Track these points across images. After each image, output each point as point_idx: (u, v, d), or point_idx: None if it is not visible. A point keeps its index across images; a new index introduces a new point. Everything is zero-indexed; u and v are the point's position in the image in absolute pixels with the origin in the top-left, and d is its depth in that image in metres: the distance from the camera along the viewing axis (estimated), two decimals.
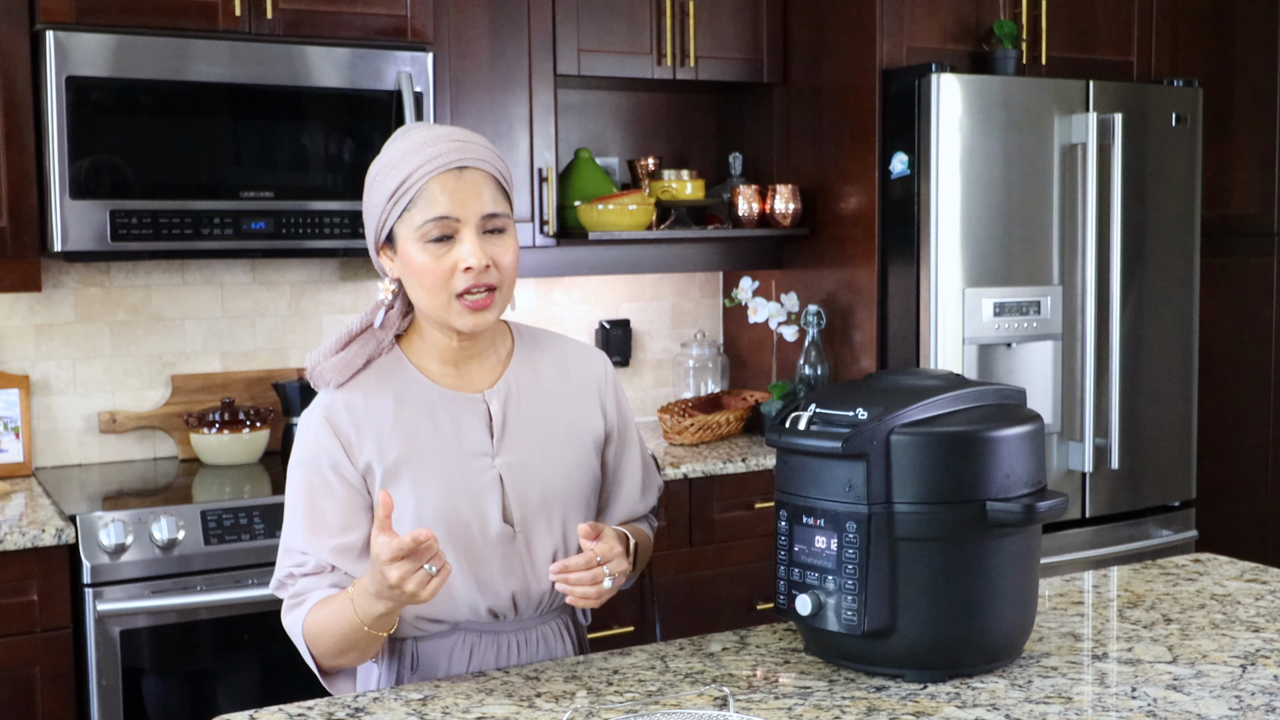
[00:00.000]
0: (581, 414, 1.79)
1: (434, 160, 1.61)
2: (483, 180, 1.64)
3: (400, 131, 1.69)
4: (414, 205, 1.62)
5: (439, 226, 1.61)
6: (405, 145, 1.64)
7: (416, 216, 1.61)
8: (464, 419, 1.71)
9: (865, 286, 3.37)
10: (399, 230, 1.64)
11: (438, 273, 1.62)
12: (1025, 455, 1.58)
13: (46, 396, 3.10)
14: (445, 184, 1.61)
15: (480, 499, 1.69)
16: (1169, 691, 1.55)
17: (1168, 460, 3.60)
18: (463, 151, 1.63)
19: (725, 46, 3.47)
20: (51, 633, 2.54)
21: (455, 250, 1.62)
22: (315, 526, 1.67)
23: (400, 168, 1.62)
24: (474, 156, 1.64)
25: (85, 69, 2.68)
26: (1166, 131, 3.51)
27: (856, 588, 1.55)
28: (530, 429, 1.74)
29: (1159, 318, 3.55)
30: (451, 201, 1.61)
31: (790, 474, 1.61)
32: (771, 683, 1.61)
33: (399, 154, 1.63)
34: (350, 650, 1.63)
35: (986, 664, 1.62)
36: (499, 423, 1.72)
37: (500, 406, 1.73)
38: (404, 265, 1.65)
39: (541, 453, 1.74)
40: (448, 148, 1.62)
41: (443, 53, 3.12)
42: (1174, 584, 2.03)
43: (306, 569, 1.67)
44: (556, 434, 1.76)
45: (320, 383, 1.71)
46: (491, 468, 1.71)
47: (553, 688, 1.59)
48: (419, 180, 1.61)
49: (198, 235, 2.78)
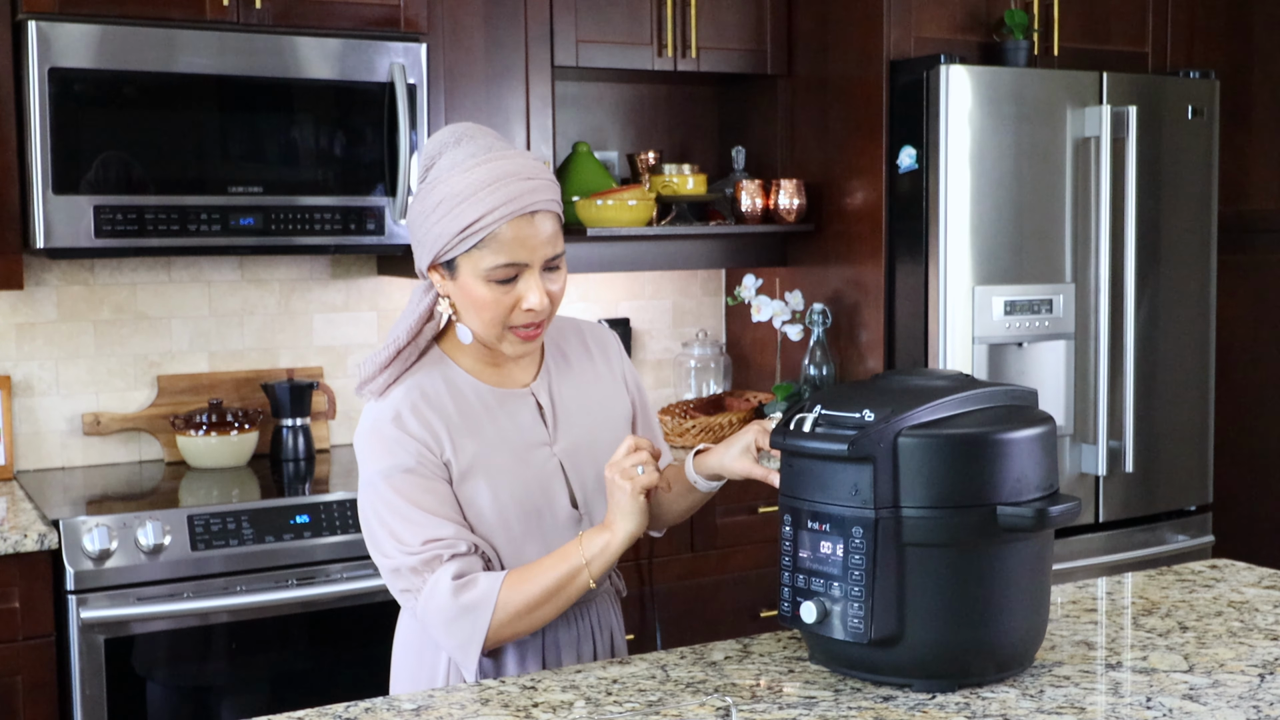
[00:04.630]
0: (612, 391, 1.90)
1: (509, 205, 1.66)
2: (550, 222, 1.71)
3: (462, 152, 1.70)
4: (484, 245, 1.67)
5: (508, 272, 1.68)
6: (476, 180, 1.66)
7: (486, 259, 1.67)
8: (518, 413, 1.80)
9: (872, 284, 3.36)
10: (462, 263, 1.69)
11: (499, 309, 1.70)
12: (1037, 458, 1.58)
13: (28, 398, 3.10)
14: (518, 230, 1.67)
15: (548, 487, 1.78)
16: (1185, 701, 1.54)
17: (1183, 463, 3.59)
18: (535, 194, 1.68)
19: (728, 37, 3.47)
20: (34, 641, 2.53)
21: (517, 289, 1.69)
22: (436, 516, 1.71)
23: (472, 205, 1.66)
24: (545, 199, 1.69)
25: (68, 60, 2.68)
26: (1182, 124, 3.50)
27: (863, 594, 1.54)
28: (577, 414, 1.84)
29: (1175, 316, 3.54)
30: (523, 248, 1.67)
31: (795, 477, 1.61)
32: (775, 692, 1.60)
33: (470, 187, 1.66)
34: (549, 601, 1.69)
35: (997, 673, 1.61)
36: (550, 413, 1.82)
37: (548, 397, 1.83)
38: (462, 293, 1.72)
39: (591, 435, 1.84)
40: (521, 189, 1.67)
41: (437, 43, 3.12)
42: (1190, 591, 2.02)
43: (459, 549, 1.70)
44: (599, 414, 1.86)
45: (370, 391, 1.78)
46: (552, 457, 1.80)
47: (550, 697, 1.59)
48: (492, 225, 1.66)
49: (184, 231, 2.78)
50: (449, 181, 1.68)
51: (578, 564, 1.69)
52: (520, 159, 1.70)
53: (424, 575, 1.70)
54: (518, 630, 1.71)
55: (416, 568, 1.70)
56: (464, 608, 1.68)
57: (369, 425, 1.75)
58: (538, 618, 1.71)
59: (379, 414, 1.75)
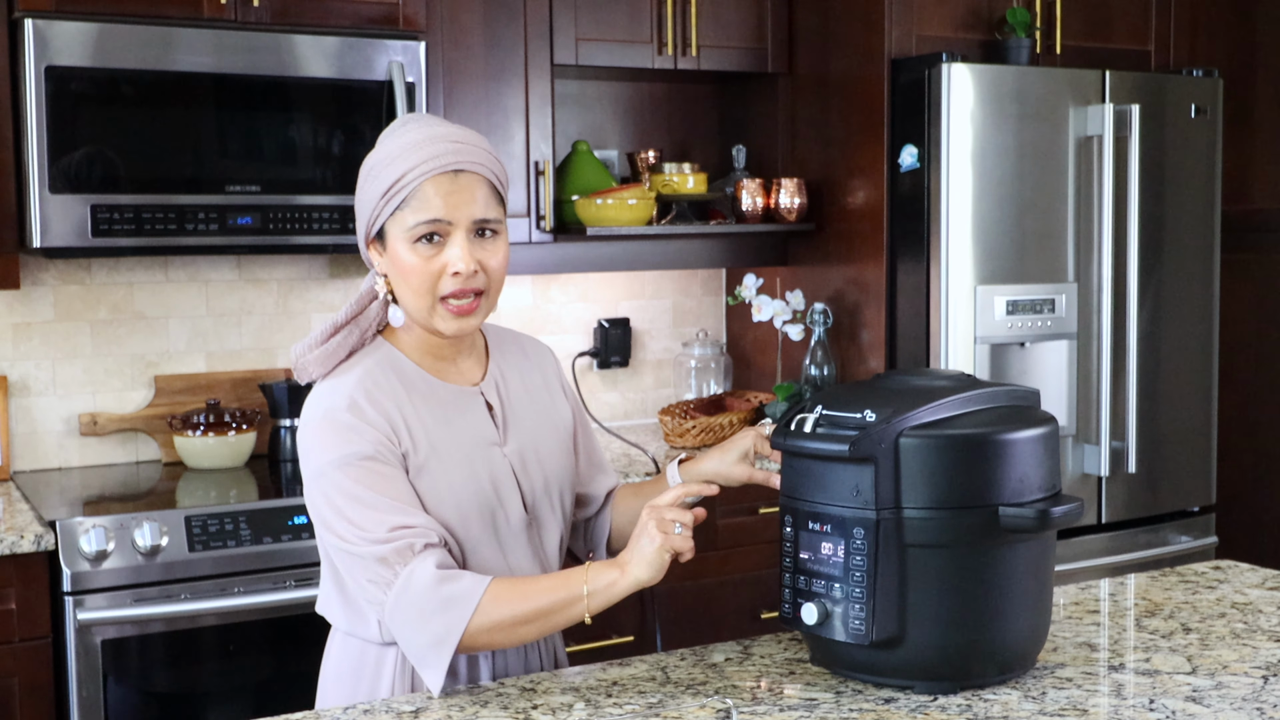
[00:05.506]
0: (554, 402, 1.86)
1: (430, 161, 1.64)
2: (477, 184, 1.67)
3: (398, 124, 1.71)
4: (406, 205, 1.64)
5: (429, 228, 1.64)
6: (403, 142, 1.66)
7: (408, 217, 1.64)
8: (469, 411, 1.75)
9: (873, 284, 3.35)
10: (389, 228, 1.67)
11: (425, 274, 1.65)
12: (1039, 459, 1.58)
13: (25, 398, 3.09)
14: (440, 186, 1.64)
15: (501, 489, 1.73)
16: (1188, 704, 1.54)
17: (1187, 464, 3.58)
18: (460, 154, 1.65)
19: (728, 35, 3.46)
20: (30, 642, 2.51)
21: (444, 253, 1.65)
22: (402, 503, 1.62)
23: (395, 165, 1.64)
24: (471, 159, 1.66)
25: (65, 59, 2.67)
26: (1186, 123, 3.49)
27: (864, 596, 1.54)
28: (524, 418, 1.80)
29: (1178, 316, 3.53)
30: (445, 204, 1.64)
31: (795, 478, 1.61)
32: (776, 694, 1.60)
33: (396, 150, 1.65)
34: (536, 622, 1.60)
35: (999, 675, 1.61)
36: (500, 414, 1.77)
37: (497, 398, 1.78)
38: (392, 263, 1.68)
39: (536, 440, 1.79)
40: (445, 149, 1.65)
41: (435, 41, 3.11)
42: (1193, 592, 2.01)
43: (432, 540, 1.61)
44: (544, 421, 1.82)
45: (304, 375, 1.73)
46: (504, 458, 1.75)
47: (550, 699, 1.59)
48: (413, 181, 1.63)
49: (182, 231, 2.77)
50: (378, 150, 1.67)
51: (578, 593, 1.59)
52: (454, 128, 1.68)
53: (395, 566, 1.59)
54: (494, 641, 1.61)
55: (387, 557, 1.59)
56: (444, 601, 1.57)
57: (320, 413, 1.66)
58: (519, 635, 1.61)
59: (332, 402, 1.66)
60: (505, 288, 3.54)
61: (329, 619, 1.78)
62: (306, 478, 1.67)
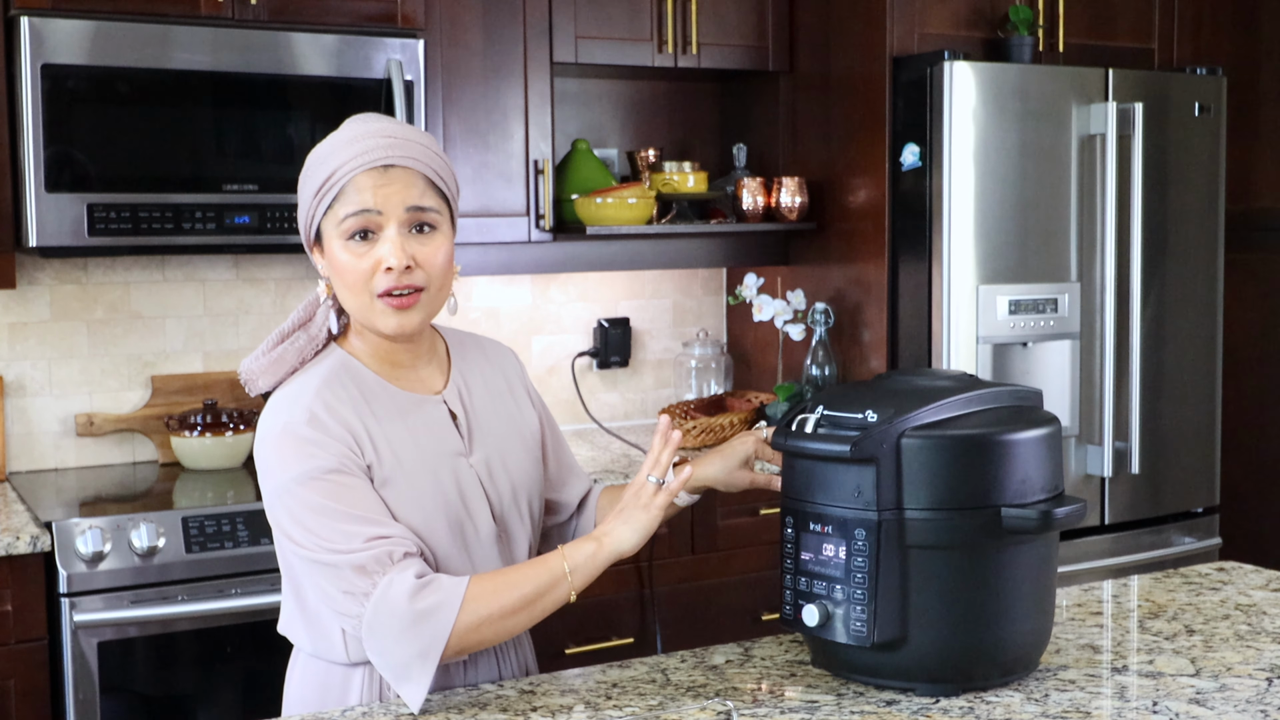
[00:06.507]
0: (519, 407, 1.82)
1: (361, 156, 1.60)
2: (411, 178, 1.62)
3: (343, 125, 1.68)
4: (338, 201, 1.61)
5: (359, 221, 1.60)
6: (336, 140, 1.64)
7: (339, 211, 1.61)
8: (432, 420, 1.70)
9: (875, 283, 3.34)
10: (325, 227, 1.63)
11: (359, 271, 1.61)
12: (1042, 459, 1.57)
13: (21, 398, 3.08)
14: (371, 179, 1.60)
15: (469, 500, 1.69)
16: (1192, 706, 1.54)
17: (1190, 464, 3.57)
18: (391, 149, 1.61)
19: (729, 33, 3.45)
20: (26, 644, 2.51)
21: (376, 249, 1.61)
22: (374, 514, 1.57)
23: (327, 162, 1.62)
24: (403, 154, 1.62)
25: (61, 56, 2.67)
26: (1189, 122, 3.48)
27: (866, 597, 1.54)
28: (488, 426, 1.75)
29: (1181, 316, 3.52)
30: (374, 196, 1.60)
31: (796, 479, 1.61)
32: (777, 696, 1.60)
33: (329, 149, 1.63)
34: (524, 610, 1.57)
35: (1001, 677, 1.61)
36: (464, 422, 1.73)
37: (460, 406, 1.74)
38: (330, 265, 1.64)
39: (502, 448, 1.75)
40: (376, 144, 1.61)
41: (434, 40, 3.11)
42: (1197, 594, 2.01)
43: (409, 549, 1.56)
44: (509, 428, 1.78)
45: (253, 387, 1.68)
46: (470, 468, 1.71)
47: (549, 701, 1.59)
48: (343, 177, 1.60)
49: (179, 230, 2.77)
50: (315, 150, 1.65)
51: (559, 573, 1.57)
52: (391, 123, 1.64)
53: (374, 576, 1.53)
54: (484, 639, 1.56)
55: (365, 565, 1.53)
56: (425, 609, 1.52)
57: (278, 429, 1.59)
58: (508, 627, 1.57)
59: (290, 416, 1.59)
60: (504, 287, 3.54)
61: (291, 640, 1.74)
62: (267, 494, 1.61)
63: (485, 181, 3.17)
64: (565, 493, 1.88)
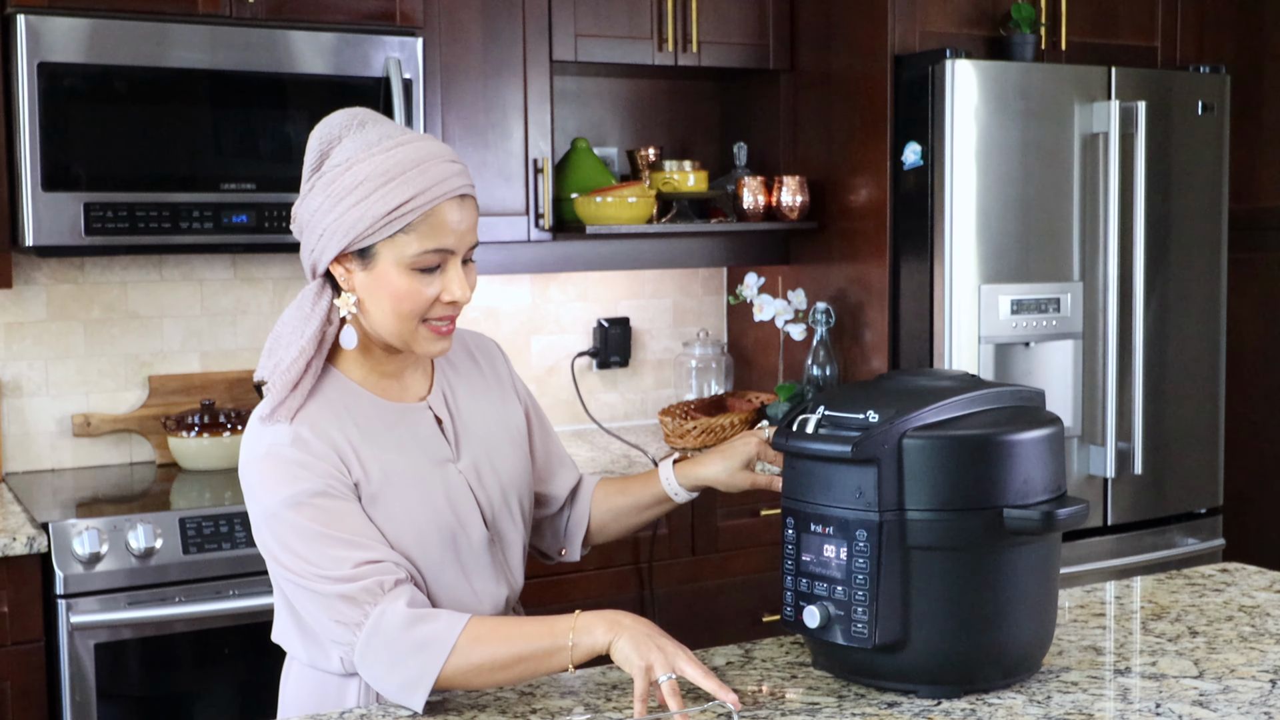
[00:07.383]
0: (504, 401, 1.80)
1: (442, 185, 1.55)
2: (474, 207, 1.61)
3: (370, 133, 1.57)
4: (412, 229, 1.54)
5: (438, 258, 1.57)
6: (402, 159, 1.54)
7: (413, 244, 1.55)
8: (418, 429, 1.68)
9: (876, 283, 3.34)
10: (382, 249, 1.55)
11: (419, 300, 1.57)
12: (1044, 460, 1.57)
13: (17, 398, 3.08)
14: (450, 213, 1.56)
15: (459, 507, 1.67)
16: (1195, 708, 1.54)
17: (1193, 465, 3.57)
18: (463, 177, 1.58)
19: (729, 31, 3.45)
20: (22, 646, 2.51)
21: (440, 280, 1.57)
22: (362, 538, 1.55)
23: (402, 185, 1.53)
24: (470, 184, 1.60)
25: (58, 55, 2.66)
26: (1192, 120, 3.47)
27: (867, 599, 1.54)
28: (475, 427, 1.73)
29: (1184, 315, 3.52)
30: (452, 234, 1.56)
31: (797, 480, 1.60)
32: (778, 699, 1.60)
33: (396, 167, 1.54)
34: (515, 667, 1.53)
35: (1003, 679, 1.61)
36: (449, 427, 1.71)
37: (445, 411, 1.71)
38: (377, 285, 1.57)
39: (490, 449, 1.73)
40: (450, 170, 1.57)
41: (433, 38, 3.10)
42: (1200, 595, 2.01)
43: (400, 575, 1.54)
44: (497, 426, 1.76)
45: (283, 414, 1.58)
46: (459, 474, 1.69)
47: (549, 703, 1.58)
48: (425, 205, 1.54)
49: (176, 229, 2.76)
50: (368, 162, 1.54)
51: (562, 643, 1.51)
52: (438, 144, 1.60)
53: (365, 606, 1.52)
54: (470, 685, 1.54)
55: (355, 596, 1.52)
56: (418, 643, 1.50)
57: (262, 451, 1.56)
58: (496, 680, 1.54)
59: (274, 437, 1.56)
60: (504, 287, 3.57)
61: (286, 649, 1.73)
62: (254, 518, 1.59)
63: (484, 180, 3.16)
64: (554, 485, 1.86)
